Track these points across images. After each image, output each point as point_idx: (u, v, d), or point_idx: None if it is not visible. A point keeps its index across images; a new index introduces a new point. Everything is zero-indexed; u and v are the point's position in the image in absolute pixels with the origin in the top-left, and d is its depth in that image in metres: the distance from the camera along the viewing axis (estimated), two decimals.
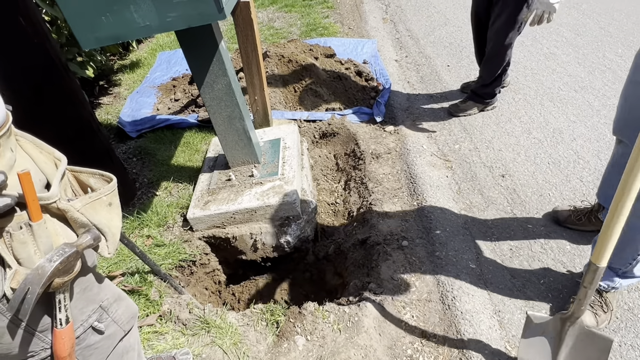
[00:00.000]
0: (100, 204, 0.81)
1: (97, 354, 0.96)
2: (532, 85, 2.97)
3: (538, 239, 1.91)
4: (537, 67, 3.17)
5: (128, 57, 3.89)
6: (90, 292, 0.88)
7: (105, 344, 0.97)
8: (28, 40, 1.67)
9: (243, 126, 1.92)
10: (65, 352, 0.78)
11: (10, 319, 0.72)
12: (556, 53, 3.30)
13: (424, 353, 1.50)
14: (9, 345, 0.75)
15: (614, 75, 2.93)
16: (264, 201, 1.92)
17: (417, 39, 3.89)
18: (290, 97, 2.95)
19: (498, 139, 2.55)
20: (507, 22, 2.35)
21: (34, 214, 0.68)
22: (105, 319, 0.94)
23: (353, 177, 2.45)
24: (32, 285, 0.66)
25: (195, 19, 1.39)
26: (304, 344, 1.55)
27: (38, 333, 0.78)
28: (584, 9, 3.89)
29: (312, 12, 4.38)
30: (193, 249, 1.93)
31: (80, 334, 0.87)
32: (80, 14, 1.36)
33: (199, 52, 1.67)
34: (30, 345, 0.78)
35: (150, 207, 2.11)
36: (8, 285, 0.67)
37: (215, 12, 1.38)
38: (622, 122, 1.47)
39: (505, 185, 2.22)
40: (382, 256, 1.86)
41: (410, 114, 2.85)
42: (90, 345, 0.92)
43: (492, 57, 2.55)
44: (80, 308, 0.86)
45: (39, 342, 0.79)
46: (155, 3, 1.35)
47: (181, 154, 2.51)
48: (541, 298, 1.68)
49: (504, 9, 2.32)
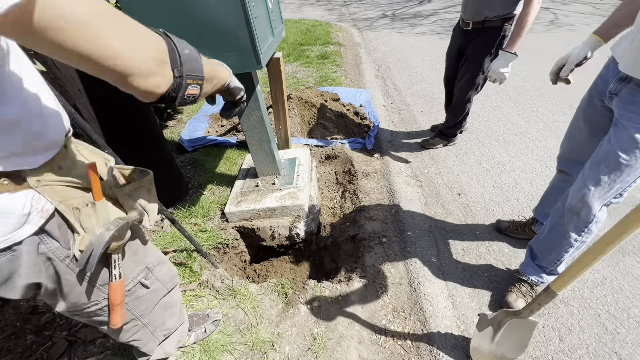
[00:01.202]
0: (142, 190, 0.81)
1: (145, 304, 0.94)
2: (483, 129, 2.96)
3: (484, 242, 1.88)
4: (487, 115, 3.16)
5: None
6: (138, 256, 0.88)
7: (151, 297, 0.95)
8: None
9: (270, 147, 1.93)
10: (118, 301, 0.78)
11: (78, 274, 0.72)
12: (502, 106, 3.30)
13: (395, 323, 1.47)
14: (78, 296, 0.75)
15: (545, 125, 2.92)
16: (281, 203, 1.91)
17: (400, 90, 3.91)
18: (305, 128, 2.97)
19: (457, 166, 2.54)
20: (467, 83, 2.35)
21: (96, 195, 0.69)
22: (150, 277, 0.93)
23: (348, 189, 2.44)
24: (95, 248, 0.66)
25: (240, 67, 1.41)
26: (305, 311, 1.52)
27: (99, 286, 0.77)
28: (524, 75, 3.90)
29: (325, 67, 4.43)
30: (227, 235, 1.92)
31: (131, 288, 0.87)
32: None
33: None
34: (93, 295, 0.77)
35: (198, 203, 2.11)
36: (77, 247, 0.67)
37: (254, 63, 1.40)
38: (566, 156, 1.46)
39: (461, 201, 2.20)
40: (366, 249, 1.83)
41: (392, 145, 2.85)
42: (139, 297, 0.91)
43: (455, 107, 2.55)
44: (132, 268, 0.86)
45: (99, 292, 0.78)
46: (212, 55, 1.36)
47: (223, 165, 2.52)
48: (485, 287, 1.65)
49: (466, 73, 2.33)
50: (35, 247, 0.63)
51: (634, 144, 1.03)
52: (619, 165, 1.08)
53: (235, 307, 1.51)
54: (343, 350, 1.35)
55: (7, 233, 0.57)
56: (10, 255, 0.59)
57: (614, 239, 0.83)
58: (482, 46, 2.15)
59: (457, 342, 1.39)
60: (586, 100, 1.26)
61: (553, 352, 1.36)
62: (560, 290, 0.99)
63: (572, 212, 1.26)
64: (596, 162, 1.16)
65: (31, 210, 0.59)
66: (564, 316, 1.48)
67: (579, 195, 1.22)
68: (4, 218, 0.56)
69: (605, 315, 1.47)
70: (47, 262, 0.66)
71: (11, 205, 0.56)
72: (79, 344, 1.37)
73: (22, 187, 0.58)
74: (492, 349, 1.28)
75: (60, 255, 0.67)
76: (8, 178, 0.56)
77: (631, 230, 0.80)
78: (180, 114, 3.48)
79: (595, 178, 1.16)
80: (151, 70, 0.49)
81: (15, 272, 0.62)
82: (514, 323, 1.21)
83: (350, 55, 5.07)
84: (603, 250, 0.85)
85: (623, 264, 1.67)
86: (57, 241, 0.66)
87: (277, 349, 1.36)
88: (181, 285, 1.60)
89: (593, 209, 1.20)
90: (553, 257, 1.39)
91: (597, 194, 1.17)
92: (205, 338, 1.36)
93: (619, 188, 1.14)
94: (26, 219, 0.59)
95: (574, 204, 1.24)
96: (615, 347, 1.35)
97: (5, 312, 1.50)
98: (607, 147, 1.12)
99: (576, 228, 1.28)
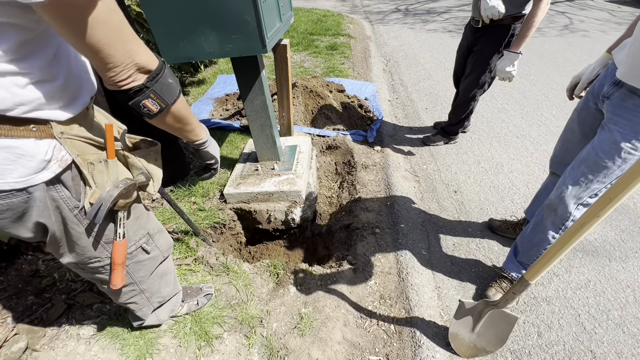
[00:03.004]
0: (150, 157, 0.87)
1: (144, 269, 1.00)
2: (485, 130, 2.98)
3: (475, 239, 1.92)
4: (491, 117, 3.17)
5: (196, 76, 3.96)
6: (141, 220, 0.93)
7: (150, 263, 1.01)
8: None
9: (271, 133, 1.96)
10: (120, 260, 0.83)
11: (86, 227, 0.77)
12: (506, 108, 3.31)
13: (381, 309, 1.52)
14: (83, 249, 0.80)
15: (547, 129, 2.93)
16: (279, 188, 1.96)
17: (406, 86, 3.91)
18: (308, 117, 2.99)
19: (456, 165, 2.56)
20: (473, 81, 2.36)
21: (110, 154, 0.74)
22: (151, 244, 0.98)
23: (346, 180, 2.47)
24: (104, 202, 0.71)
25: (245, 50, 1.44)
26: (294, 291, 1.58)
27: (103, 243, 0.82)
28: (532, 79, 3.89)
29: (333, 59, 4.42)
30: (225, 215, 1.97)
31: (133, 251, 0.92)
32: (166, 39, 1.41)
33: (246, 75, 1.72)
34: (97, 250, 0.82)
35: (198, 183, 2.15)
36: (87, 200, 0.72)
37: (260, 47, 1.42)
38: (559, 159, 1.49)
39: (456, 199, 2.24)
40: (359, 238, 1.88)
41: (393, 140, 2.87)
42: (140, 261, 0.96)
43: (459, 105, 2.56)
44: (135, 231, 0.91)
45: (103, 250, 0.83)
46: (219, 36, 1.40)
47: (225, 148, 2.55)
48: (471, 281, 1.69)
49: (472, 71, 2.33)
50: (48, 192, 0.68)
51: (615, 147, 1.07)
52: (597, 166, 1.13)
53: (227, 284, 1.57)
54: (328, 330, 1.41)
55: (27, 175, 0.62)
56: (26, 196, 0.65)
57: (576, 230, 0.89)
58: (489, 44, 2.16)
59: (439, 331, 1.44)
60: (582, 102, 1.29)
61: (530, 346, 1.41)
62: (532, 280, 1.04)
63: (550, 208, 1.32)
64: (578, 162, 1.21)
65: (52, 157, 0.65)
66: (545, 314, 1.52)
67: (557, 192, 1.28)
68: (26, 160, 0.61)
69: (585, 316, 1.51)
70: (56, 209, 0.71)
71: (35, 150, 0.62)
72: (76, 307, 1.44)
73: (47, 136, 0.64)
74: (472, 339, 1.33)
75: (70, 205, 0.72)
76: (37, 125, 0.62)
77: (590, 223, 0.86)
78: (186, 95, 3.52)
79: (574, 177, 1.21)
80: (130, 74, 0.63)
81: (27, 212, 0.67)
82: (494, 315, 1.26)
83: (360, 48, 5.05)
84: (568, 240, 0.91)
85: (608, 269, 1.71)
86: (68, 191, 0.71)
87: (265, 325, 1.42)
88: (177, 260, 1.65)
89: (569, 207, 1.25)
90: (532, 253, 1.43)
91: (573, 192, 1.22)
92: (197, 310, 1.42)
93: (595, 189, 1.18)
94: (45, 165, 0.64)
95: (552, 200, 1.30)
96: (592, 346, 1.40)
97: (8, 274, 1.57)
98: (590, 148, 1.16)
99: (553, 224, 1.32)
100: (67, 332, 1.34)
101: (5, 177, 0.60)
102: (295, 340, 1.37)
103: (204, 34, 1.38)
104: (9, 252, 1.62)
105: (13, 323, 1.35)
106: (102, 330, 1.34)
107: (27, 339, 1.28)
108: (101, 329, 1.34)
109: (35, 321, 1.37)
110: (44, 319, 1.39)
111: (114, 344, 1.29)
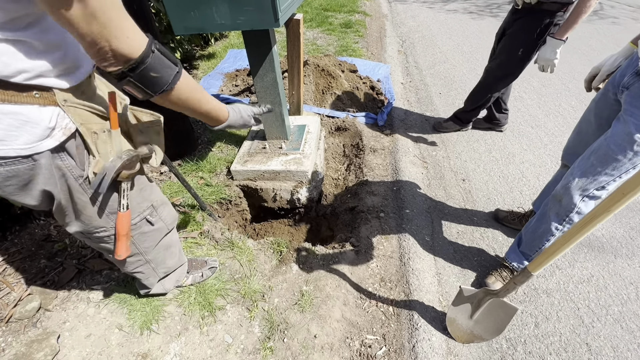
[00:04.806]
0: (153, 130, 0.87)
1: (149, 240, 1.02)
2: None
3: (479, 228, 1.92)
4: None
5: (207, 49, 3.90)
6: (145, 192, 0.94)
7: (154, 235, 1.03)
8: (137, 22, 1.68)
9: (280, 111, 1.94)
10: (124, 231, 0.85)
11: (91, 196, 0.78)
12: (523, 97, 3.20)
13: (380, 292, 1.55)
14: (89, 218, 0.82)
15: (564, 120, 2.84)
16: (286, 167, 1.96)
17: (421, 69, 3.80)
18: (319, 96, 2.94)
19: (466, 152, 2.52)
20: (498, 66, 2.18)
21: (113, 124, 0.74)
22: (155, 216, 1.00)
23: (354, 163, 2.46)
24: (108, 171, 0.72)
25: (257, 23, 1.40)
26: (297, 269, 1.61)
27: (108, 212, 0.84)
28: None
29: (347, 37, 4.29)
30: (231, 192, 1.99)
31: (137, 222, 0.94)
32: (177, 9, 1.38)
33: (258, 50, 1.68)
34: (102, 220, 0.84)
35: (205, 158, 2.17)
36: (92, 170, 0.73)
37: (272, 21, 1.38)
38: (571, 150, 1.45)
39: (464, 187, 2.21)
40: (363, 221, 1.89)
41: (404, 124, 2.82)
42: (144, 232, 0.98)
43: (477, 91, 2.42)
44: (139, 202, 0.92)
45: (108, 220, 0.85)
46: (230, 8, 1.36)
47: None
48: (472, 269, 1.70)
49: (500, 54, 2.13)
50: (54, 161, 0.69)
51: (628, 139, 1.03)
52: (607, 158, 1.10)
53: (232, 258, 1.61)
54: (328, 308, 1.44)
55: (32, 142, 0.63)
56: (31, 163, 0.66)
57: (585, 224, 0.87)
58: (524, 28, 1.94)
59: (437, 315, 1.47)
60: (601, 93, 1.24)
61: (527, 335, 1.44)
62: (535, 271, 1.04)
63: (555, 199, 1.30)
64: (588, 153, 1.18)
65: (56, 125, 0.65)
66: (544, 305, 1.53)
67: (564, 182, 1.25)
68: (31, 127, 0.62)
69: (584, 310, 1.52)
70: (62, 177, 0.72)
71: (39, 117, 0.63)
72: (87, 272, 1.49)
73: (51, 103, 0.64)
74: (470, 326, 1.36)
75: (75, 173, 0.73)
76: (40, 92, 0.62)
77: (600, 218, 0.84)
78: (196, 69, 3.48)
79: (582, 168, 1.18)
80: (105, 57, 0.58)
81: (32, 180, 0.69)
82: (494, 304, 1.27)
83: (375, 27, 4.88)
84: (575, 234, 0.90)
85: (613, 265, 1.70)
86: (73, 159, 0.72)
87: (267, 300, 1.46)
88: (183, 233, 1.69)
89: (574, 198, 1.23)
90: (535, 244, 1.43)
91: (580, 183, 1.19)
92: (201, 282, 1.46)
93: (603, 181, 1.15)
94: (50, 133, 0.65)
95: (558, 190, 1.29)
96: (588, 339, 1.41)
97: (22, 237, 1.63)
98: (602, 139, 1.13)
99: (557, 215, 1.31)
100: (78, 295, 1.40)
101: (11, 144, 0.61)
102: (296, 315, 1.41)
103: (215, 4, 1.35)
104: (22, 216, 1.68)
105: (27, 284, 1.41)
106: (110, 295, 1.39)
107: (40, 299, 1.34)
108: (109, 294, 1.40)
109: (47, 283, 1.43)
110: (55, 281, 1.45)
111: (122, 308, 1.35)
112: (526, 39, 1.97)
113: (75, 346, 1.24)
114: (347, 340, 1.36)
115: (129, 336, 1.28)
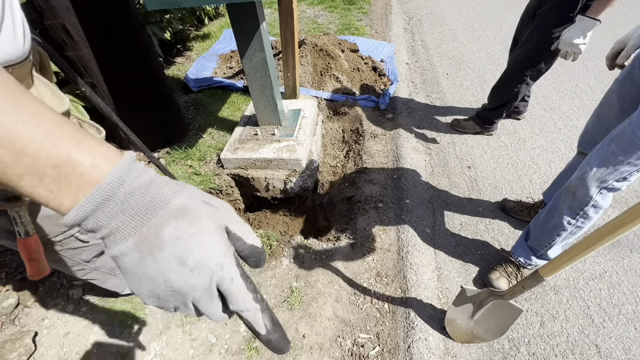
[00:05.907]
0: None
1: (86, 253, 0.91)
2: None
3: (484, 219, 1.80)
4: None
5: (201, 29, 3.73)
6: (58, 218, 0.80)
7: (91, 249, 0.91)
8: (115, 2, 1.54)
9: (272, 94, 1.82)
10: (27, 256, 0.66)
11: None
12: None
13: (376, 287, 1.47)
14: None
15: (581, 102, 2.65)
16: (278, 155, 1.85)
17: (427, 48, 3.59)
18: (316, 78, 2.79)
19: (472, 138, 2.37)
20: (525, 53, 1.87)
21: None
22: (87, 234, 0.86)
23: (353, 149, 2.34)
24: None
25: None
26: (287, 264, 1.53)
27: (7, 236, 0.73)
28: None
29: (350, 14, 4.07)
30: (221, 181, 1.90)
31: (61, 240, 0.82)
32: None
33: (244, 28, 1.54)
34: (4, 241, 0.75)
35: (195, 145, 2.07)
36: None
37: None
38: (589, 136, 1.31)
39: (469, 175, 2.09)
40: (360, 212, 1.79)
41: (408, 108, 2.66)
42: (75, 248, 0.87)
43: (500, 85, 2.10)
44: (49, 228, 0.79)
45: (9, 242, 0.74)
46: None
47: (226, 110, 2.44)
48: (475, 264, 1.61)
49: (528, 40, 1.83)
50: None
51: None
52: (632, 145, 0.96)
53: None
54: (319, 305, 1.37)
55: None
56: None
57: (614, 228, 0.73)
58: (558, 7, 1.67)
59: (435, 313, 1.39)
60: (626, 71, 1.09)
61: (531, 335, 1.35)
62: (548, 277, 0.93)
63: (569, 190, 1.17)
64: (609, 140, 1.03)
65: None
66: (551, 303, 1.44)
67: (579, 172, 1.12)
68: None
69: (595, 308, 1.42)
70: None
71: None
72: None
73: None
74: (470, 326, 1.27)
75: None
76: None
77: (633, 223, 0.70)
78: (190, 51, 3.33)
79: (601, 156, 1.04)
80: None
81: None
82: (497, 305, 1.18)
83: (380, 3, 4.62)
84: (600, 239, 0.77)
85: (628, 260, 1.58)
86: None
87: None
88: None
89: (590, 190, 1.10)
90: (545, 239, 1.31)
91: (598, 173, 1.06)
92: None
93: (625, 171, 1.01)
94: None
95: (572, 181, 1.15)
96: (597, 340, 1.32)
97: None
98: (626, 124, 0.98)
99: (570, 209, 1.18)
100: (58, 291, 1.35)
101: None
102: (284, 314, 1.34)
103: None
104: None
105: (5, 279, 1.36)
106: (90, 291, 1.34)
107: (18, 296, 1.29)
108: (90, 290, 1.34)
109: (27, 279, 1.38)
110: None
111: (102, 306, 1.30)
112: (560, 20, 1.68)
113: (52, 345, 1.19)
114: (339, 340, 1.29)
115: (108, 335, 1.23)
